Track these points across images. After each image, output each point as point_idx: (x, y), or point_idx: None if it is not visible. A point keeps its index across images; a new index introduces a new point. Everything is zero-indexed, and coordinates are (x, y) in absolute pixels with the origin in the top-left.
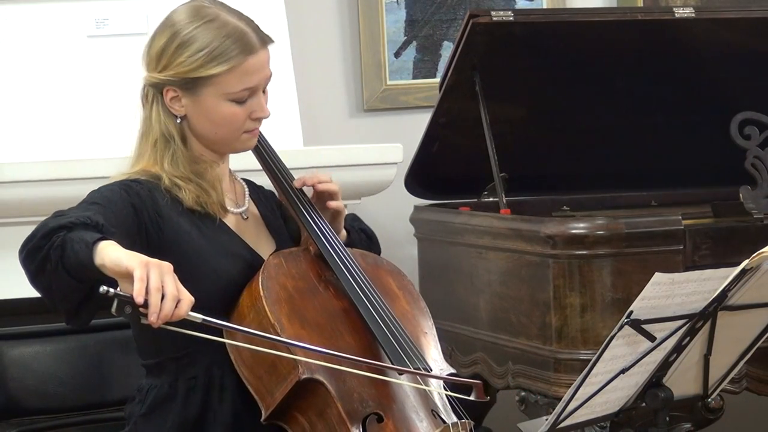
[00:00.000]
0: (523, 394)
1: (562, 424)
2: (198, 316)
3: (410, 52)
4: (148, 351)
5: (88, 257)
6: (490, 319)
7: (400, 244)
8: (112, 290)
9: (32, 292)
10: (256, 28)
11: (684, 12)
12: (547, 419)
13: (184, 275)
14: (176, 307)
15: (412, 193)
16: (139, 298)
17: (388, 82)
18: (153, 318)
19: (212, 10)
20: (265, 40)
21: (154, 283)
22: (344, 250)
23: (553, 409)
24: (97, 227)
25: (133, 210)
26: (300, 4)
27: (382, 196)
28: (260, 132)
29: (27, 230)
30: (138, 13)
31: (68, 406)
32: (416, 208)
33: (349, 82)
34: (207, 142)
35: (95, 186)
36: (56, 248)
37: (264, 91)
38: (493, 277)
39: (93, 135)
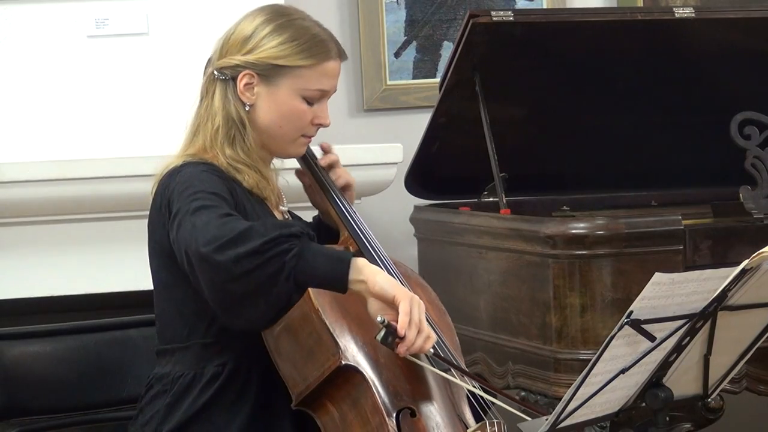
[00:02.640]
0: (523, 394)
1: (562, 424)
2: (431, 351)
3: (410, 52)
4: (178, 335)
5: (342, 273)
6: (490, 319)
7: (400, 244)
8: (386, 320)
9: (32, 293)
10: (336, 41)
11: (684, 12)
12: (547, 419)
13: None
14: (424, 343)
15: (412, 193)
16: (401, 331)
17: (388, 82)
18: (403, 350)
19: (299, 13)
20: (342, 54)
21: (415, 319)
22: (383, 252)
23: (553, 409)
24: (313, 238)
25: (231, 195)
26: (300, 5)
27: (382, 196)
28: None
29: (27, 230)
30: (138, 13)
31: (68, 406)
32: (416, 208)
33: (349, 82)
34: (266, 136)
35: (95, 186)
36: (293, 257)
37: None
38: (493, 277)
39: (93, 135)
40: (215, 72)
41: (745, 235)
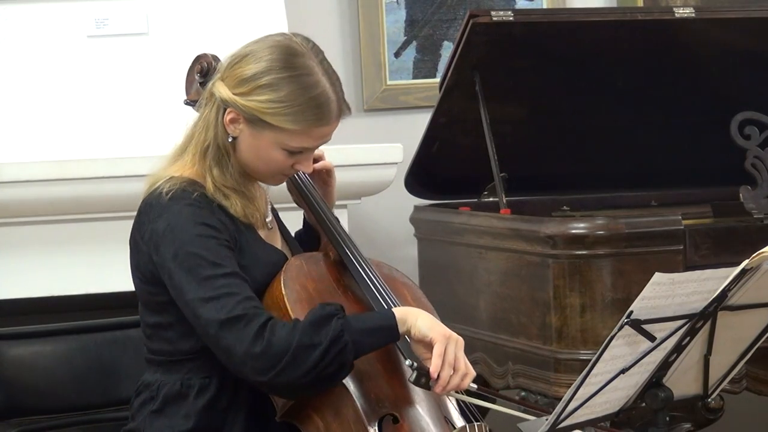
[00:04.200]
0: (523, 394)
1: (562, 424)
2: (474, 386)
3: (410, 52)
4: (162, 350)
5: (394, 337)
6: (490, 319)
7: (400, 244)
8: (416, 363)
9: (32, 293)
10: (341, 98)
11: (684, 12)
12: (547, 419)
13: None
14: (461, 381)
15: (412, 193)
16: (434, 374)
17: (388, 82)
18: (439, 390)
19: (310, 64)
20: (343, 112)
21: (449, 359)
22: (363, 257)
23: (553, 409)
24: (343, 310)
25: (230, 251)
26: (300, 4)
27: (382, 196)
28: None
29: (27, 230)
30: (138, 13)
31: (68, 406)
32: (416, 208)
33: (349, 82)
34: (246, 168)
35: (94, 186)
36: (350, 351)
37: None
38: (493, 277)
39: (93, 135)
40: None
41: (745, 235)
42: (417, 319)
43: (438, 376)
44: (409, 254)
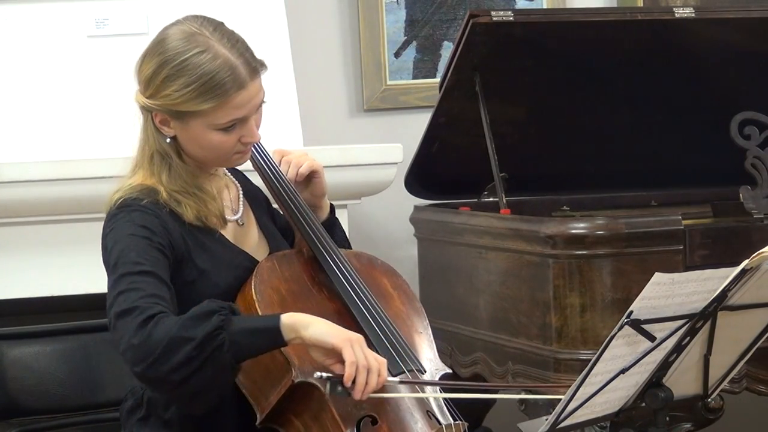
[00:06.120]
0: (523, 393)
1: (562, 424)
2: (395, 380)
3: (410, 52)
4: None
5: (278, 341)
6: (490, 319)
7: (400, 244)
8: (325, 375)
9: (32, 293)
10: (248, 58)
11: (684, 12)
12: (547, 419)
13: (189, 291)
14: (378, 378)
15: (412, 193)
16: (348, 382)
17: (388, 82)
18: (358, 395)
19: (203, 39)
20: (257, 69)
21: (362, 362)
22: (337, 251)
23: (553, 409)
24: (233, 310)
25: (162, 254)
26: (300, 4)
27: (382, 196)
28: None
29: (27, 230)
30: (138, 13)
31: (68, 406)
32: (416, 208)
33: (349, 82)
34: (198, 161)
35: (95, 186)
36: (228, 350)
37: (256, 112)
38: (493, 277)
39: (93, 135)
40: None
41: (745, 235)
42: (309, 326)
43: (354, 381)
44: (409, 254)
